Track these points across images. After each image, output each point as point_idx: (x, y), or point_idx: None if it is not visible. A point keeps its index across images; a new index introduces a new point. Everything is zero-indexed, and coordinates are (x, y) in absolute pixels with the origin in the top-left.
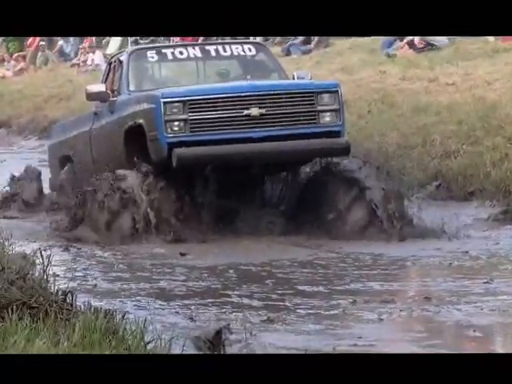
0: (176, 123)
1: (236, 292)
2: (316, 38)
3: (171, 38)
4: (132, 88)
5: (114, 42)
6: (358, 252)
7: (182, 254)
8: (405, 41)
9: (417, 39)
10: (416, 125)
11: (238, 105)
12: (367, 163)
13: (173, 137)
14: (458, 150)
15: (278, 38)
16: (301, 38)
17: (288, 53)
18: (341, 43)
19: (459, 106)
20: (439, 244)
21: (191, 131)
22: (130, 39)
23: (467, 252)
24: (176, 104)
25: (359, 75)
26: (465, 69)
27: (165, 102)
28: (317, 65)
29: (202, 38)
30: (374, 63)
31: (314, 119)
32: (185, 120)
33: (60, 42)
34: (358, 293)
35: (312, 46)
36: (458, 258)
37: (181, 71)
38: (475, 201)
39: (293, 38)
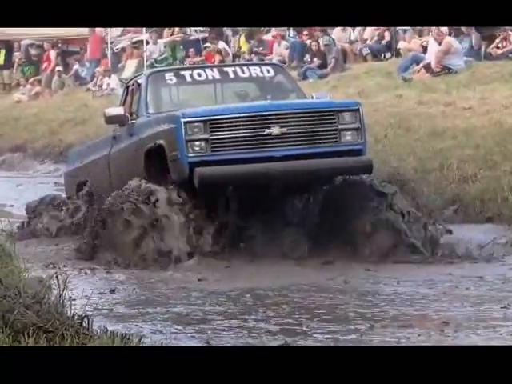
0: (197, 143)
1: (253, 316)
2: (332, 62)
3: (186, 60)
4: (151, 110)
5: (130, 67)
6: (378, 276)
7: (200, 280)
8: (421, 64)
9: (433, 63)
10: (433, 149)
11: (259, 124)
12: (392, 184)
13: (194, 156)
14: (476, 175)
15: (294, 62)
16: (317, 62)
17: (304, 77)
18: (357, 67)
19: (476, 130)
20: (455, 269)
21: (212, 151)
22: (146, 63)
23: (481, 277)
24: (197, 124)
25: (376, 99)
26: (482, 93)
27: (186, 122)
28: (333, 89)
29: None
30: (391, 87)
31: (336, 138)
32: (206, 140)
33: (76, 66)
34: (375, 318)
35: (328, 69)
36: (474, 283)
37: (199, 93)
38: (493, 225)
39: (308, 61)
